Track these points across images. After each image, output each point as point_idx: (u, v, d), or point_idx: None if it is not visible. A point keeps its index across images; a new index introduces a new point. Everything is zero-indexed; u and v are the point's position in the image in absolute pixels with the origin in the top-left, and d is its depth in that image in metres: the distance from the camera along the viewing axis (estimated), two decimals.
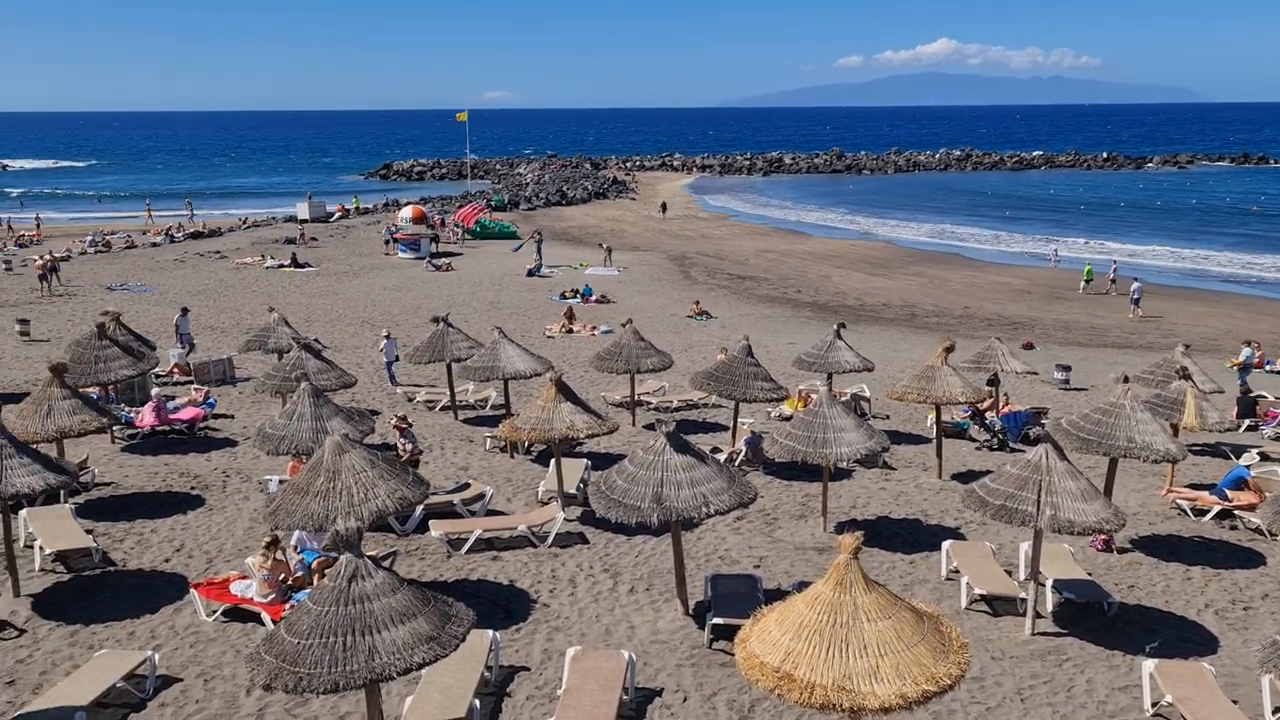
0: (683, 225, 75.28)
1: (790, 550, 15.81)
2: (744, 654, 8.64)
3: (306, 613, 8.48)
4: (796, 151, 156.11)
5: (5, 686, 11.42)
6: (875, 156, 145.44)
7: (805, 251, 61.58)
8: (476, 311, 37.70)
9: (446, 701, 10.35)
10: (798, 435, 16.09)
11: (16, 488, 13.02)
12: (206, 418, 22.28)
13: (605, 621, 13.28)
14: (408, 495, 12.82)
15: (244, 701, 11.19)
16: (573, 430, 16.51)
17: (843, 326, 23.09)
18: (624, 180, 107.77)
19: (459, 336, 23.20)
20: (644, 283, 47.91)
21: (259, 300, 39.29)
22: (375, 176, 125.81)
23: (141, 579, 14.39)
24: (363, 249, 58.19)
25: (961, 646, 8.52)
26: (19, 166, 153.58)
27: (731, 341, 27.78)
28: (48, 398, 16.57)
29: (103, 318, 23.07)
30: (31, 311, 35.47)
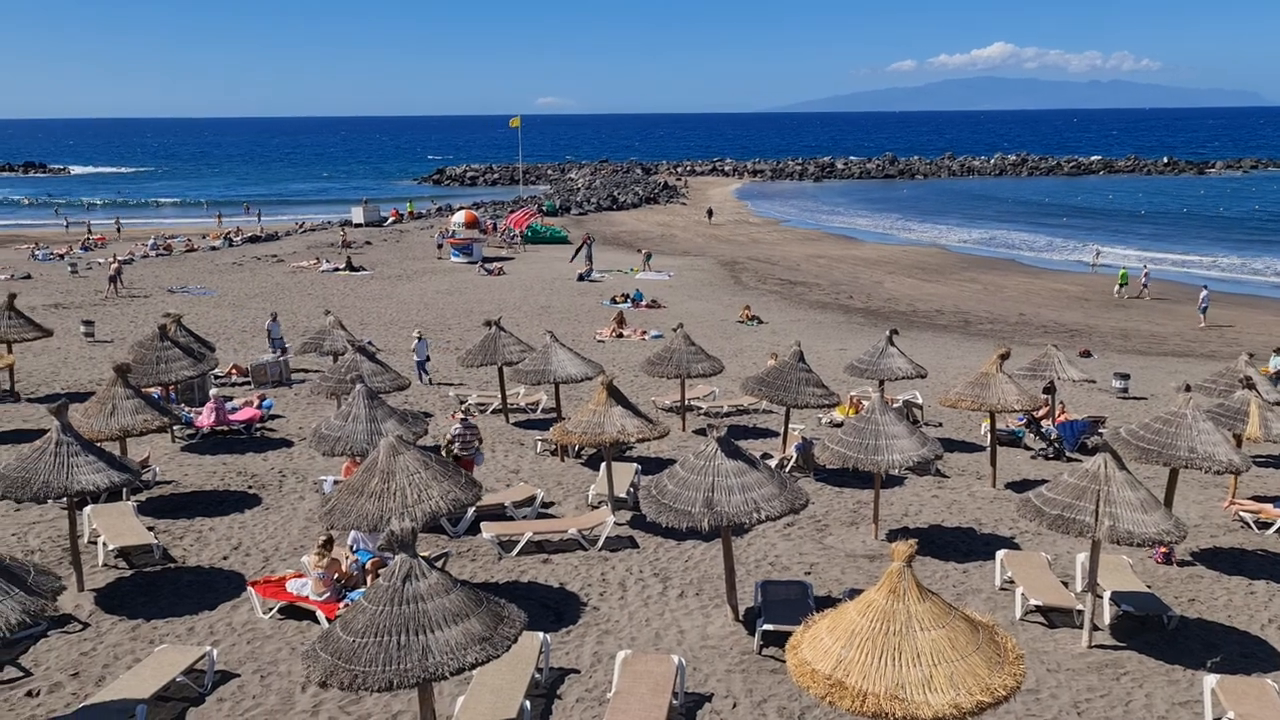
0: (733, 230, 75.13)
1: (841, 557, 15.69)
2: (795, 660, 8.60)
3: (362, 611, 8.60)
4: (848, 156, 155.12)
5: (70, 678, 11.70)
6: (928, 161, 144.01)
7: (857, 257, 61.15)
8: (528, 315, 37.94)
9: (498, 702, 10.42)
10: (849, 441, 15.98)
11: (82, 485, 13.35)
12: (263, 418, 22.66)
13: (655, 626, 13.29)
14: (460, 497, 12.93)
15: (299, 698, 11.36)
16: (624, 434, 16.55)
17: (895, 333, 22.89)
18: (675, 185, 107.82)
19: (511, 340, 23.36)
20: (694, 288, 47.89)
21: (315, 303, 39.90)
22: (429, 181, 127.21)
23: (200, 576, 14.67)
24: (416, 253, 58.84)
25: (1017, 658, 8.40)
26: (82, 172, 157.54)
27: (782, 347, 27.66)
28: (112, 397, 16.96)
29: (164, 319, 23.57)
30: (95, 313, 36.35)
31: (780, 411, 21.77)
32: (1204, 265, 57.45)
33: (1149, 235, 70.40)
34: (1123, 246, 63.92)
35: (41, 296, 40.48)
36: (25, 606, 9.37)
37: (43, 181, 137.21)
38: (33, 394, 24.98)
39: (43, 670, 11.87)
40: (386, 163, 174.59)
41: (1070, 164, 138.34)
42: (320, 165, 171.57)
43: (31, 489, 13.14)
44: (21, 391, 25.03)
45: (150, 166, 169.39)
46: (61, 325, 32.41)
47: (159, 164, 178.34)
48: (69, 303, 39.76)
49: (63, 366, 28.36)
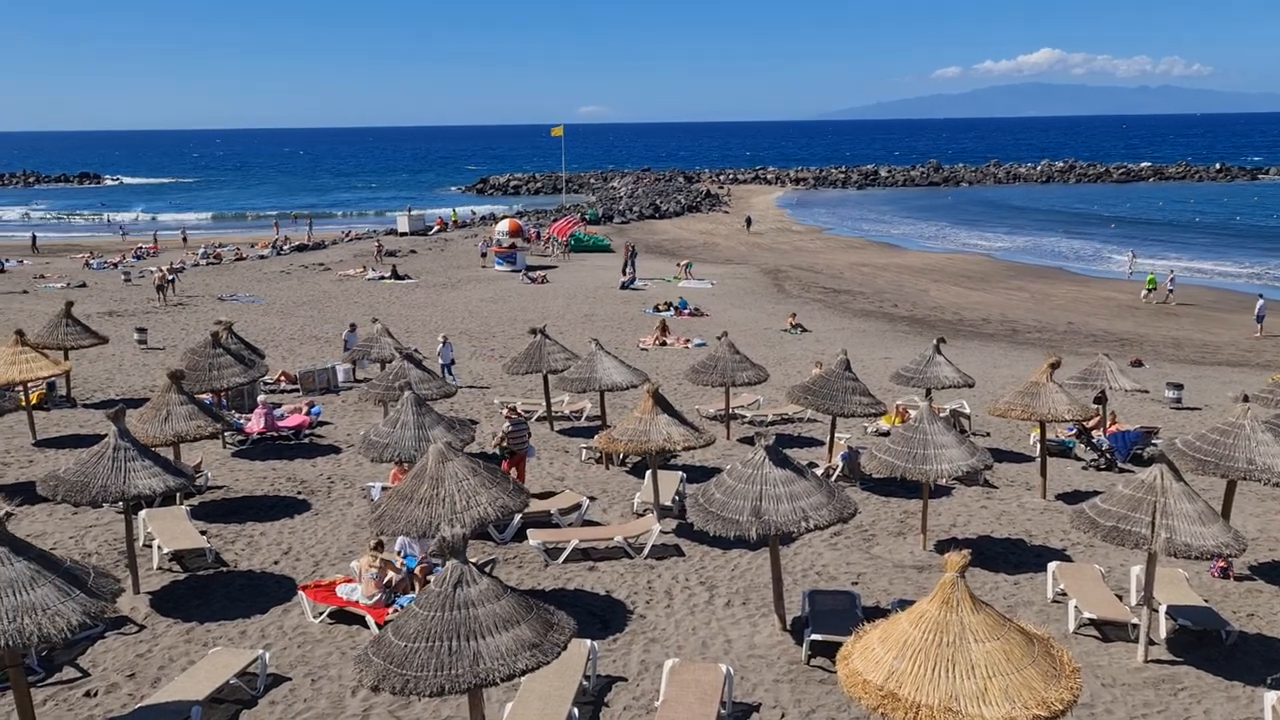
0: (776, 239, 74.91)
1: (889, 568, 15.56)
2: (846, 671, 8.54)
3: (413, 616, 8.66)
4: (892, 164, 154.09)
5: (127, 679, 11.91)
6: (974, 169, 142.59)
7: (901, 265, 60.69)
8: (571, 324, 38.06)
9: (546, 709, 10.44)
10: (896, 451, 15.85)
11: (138, 489, 13.59)
12: (312, 425, 22.94)
13: (702, 634, 13.25)
14: (508, 504, 13.00)
15: (349, 702, 11.46)
16: (669, 442, 16.54)
17: (942, 341, 22.68)
18: (717, 194, 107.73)
19: (555, 348, 23.45)
20: (737, 296, 47.79)
21: (361, 311, 40.31)
22: (472, 191, 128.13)
23: (252, 580, 14.86)
24: (460, 261, 59.30)
25: (1073, 671, 8.28)
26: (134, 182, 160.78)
27: (827, 356, 27.53)
28: (166, 403, 17.25)
29: (216, 327, 23.95)
30: (148, 320, 37.02)
31: (826, 420, 21.65)
32: (1258, 274, 56.32)
33: (1202, 243, 69.14)
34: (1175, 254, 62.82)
35: (97, 304, 41.31)
36: (85, 608, 9.54)
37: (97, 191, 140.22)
38: (89, 399, 25.49)
39: (100, 671, 12.09)
40: (431, 172, 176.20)
41: (1119, 171, 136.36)
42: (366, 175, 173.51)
43: (90, 493, 13.41)
44: (78, 397, 25.55)
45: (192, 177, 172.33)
46: (116, 332, 33.05)
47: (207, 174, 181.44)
48: (123, 310, 40.54)
49: (117, 373, 28.90)
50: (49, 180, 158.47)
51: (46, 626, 9.21)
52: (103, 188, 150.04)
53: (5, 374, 21.29)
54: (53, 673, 11.98)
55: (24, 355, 21.85)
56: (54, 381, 24.78)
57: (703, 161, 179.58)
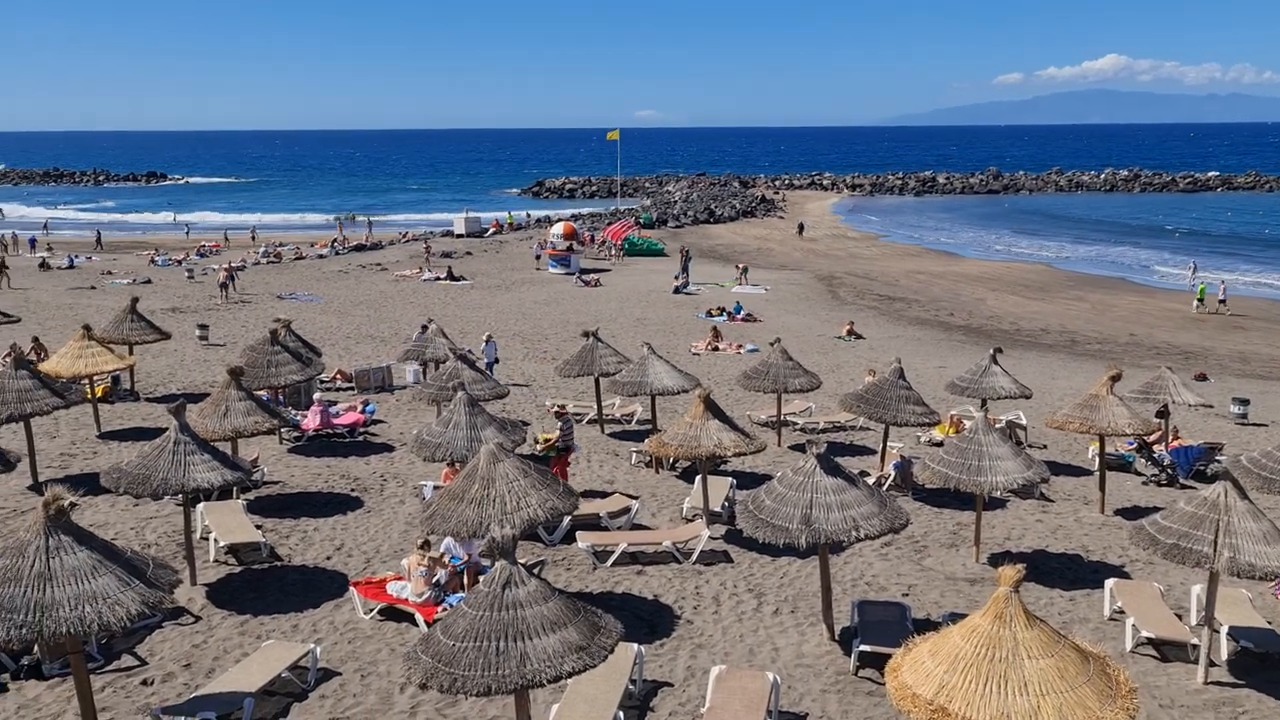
0: (831, 245, 74.41)
1: (940, 580, 15.35)
2: (895, 684, 8.44)
3: (462, 615, 8.72)
4: (950, 171, 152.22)
5: (182, 669, 12.14)
6: (1034, 176, 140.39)
7: (958, 273, 59.96)
8: (624, 327, 38.13)
9: (592, 712, 10.45)
10: (951, 461, 15.64)
11: (197, 483, 13.86)
12: (367, 423, 23.22)
13: (749, 642, 13.18)
14: (558, 505, 13.04)
15: (398, 698, 11.57)
16: (720, 448, 16.47)
17: (999, 351, 22.36)
18: (772, 199, 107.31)
19: (607, 351, 23.49)
20: (790, 302, 47.55)
21: (416, 311, 40.77)
22: (528, 194, 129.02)
23: (305, 575, 15.07)
24: (515, 263, 59.71)
25: (1130, 691, 8.10)
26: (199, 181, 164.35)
27: (880, 363, 27.24)
28: (225, 399, 17.57)
29: (275, 325, 24.35)
30: (210, 317, 37.76)
31: (878, 429, 21.43)
32: None
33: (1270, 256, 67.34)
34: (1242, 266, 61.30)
35: (160, 300, 42.24)
36: (144, 598, 9.74)
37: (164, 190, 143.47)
38: (151, 394, 26.05)
39: (157, 660, 12.34)
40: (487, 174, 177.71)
41: (1186, 180, 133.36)
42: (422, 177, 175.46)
43: (150, 485, 13.70)
44: (141, 391, 26.13)
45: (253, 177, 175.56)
46: (178, 328, 33.74)
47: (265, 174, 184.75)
48: (185, 307, 41.40)
49: (179, 368, 29.51)
50: (117, 179, 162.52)
51: (107, 615, 9.42)
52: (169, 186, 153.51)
53: (72, 367, 21.86)
54: (111, 660, 12.25)
55: (90, 349, 22.41)
56: (119, 375, 25.37)
57: (758, 167, 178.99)
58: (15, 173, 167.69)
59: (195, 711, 10.66)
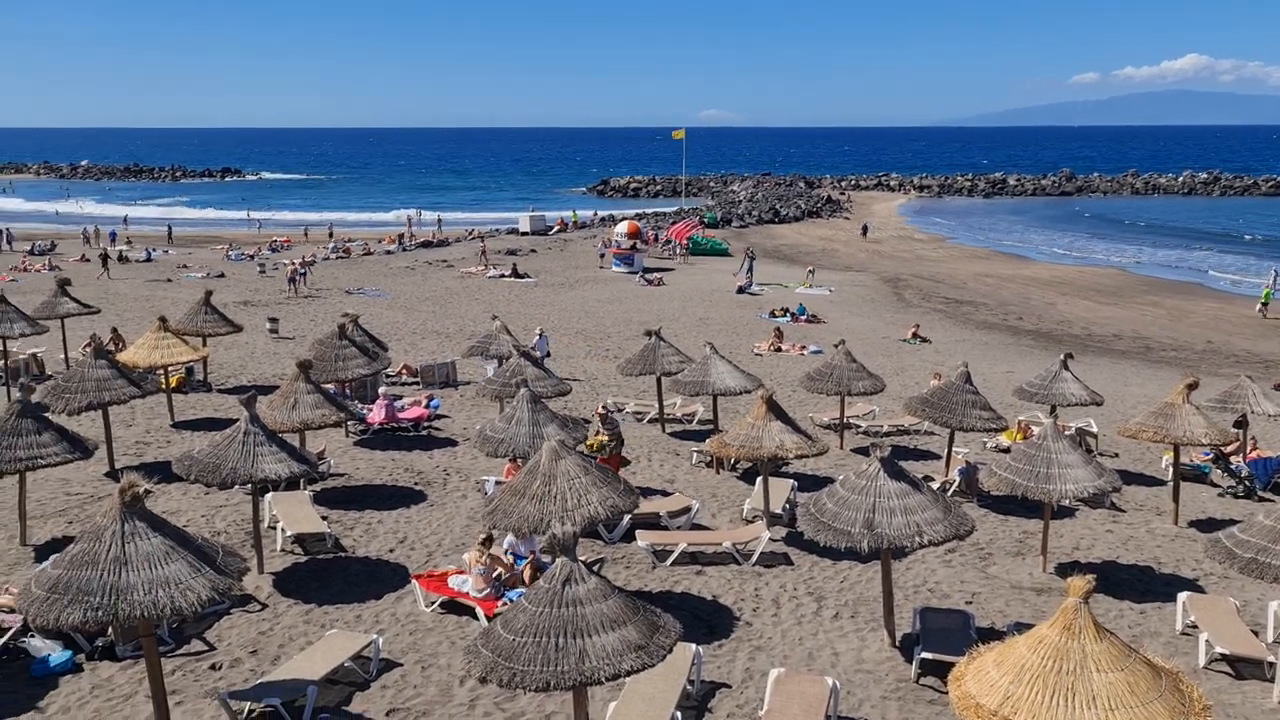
0: (897, 246, 73.53)
1: (1005, 588, 15.07)
2: (958, 693, 8.29)
3: (522, 611, 8.76)
4: (1021, 173, 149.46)
5: (249, 655, 12.39)
6: (1109, 179, 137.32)
7: (1028, 277, 58.85)
8: (686, 327, 38.07)
9: (649, 711, 10.44)
10: (1018, 468, 15.33)
11: (266, 473, 14.13)
12: (430, 418, 23.50)
13: (809, 645, 13.07)
14: (618, 504, 13.06)
15: (457, 691, 11.68)
16: (782, 450, 16.34)
17: (1070, 356, 21.87)
18: (838, 199, 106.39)
19: (670, 350, 23.46)
20: (855, 304, 47.09)
21: (481, 308, 41.18)
22: (593, 192, 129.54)
23: (368, 566, 15.30)
24: (579, 262, 59.98)
25: (1204, 709, 7.86)
26: (273, 178, 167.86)
27: (946, 367, 26.85)
28: (294, 391, 17.90)
29: (343, 319, 24.75)
30: (280, 311, 38.52)
31: (943, 433, 21.12)
32: None
33: None
34: None
35: (233, 294, 43.20)
36: (214, 585, 9.95)
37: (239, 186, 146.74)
38: (223, 385, 26.66)
39: (225, 646, 12.61)
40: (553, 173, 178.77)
41: (1269, 183, 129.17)
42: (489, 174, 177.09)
43: (220, 474, 13.99)
44: (213, 382, 26.76)
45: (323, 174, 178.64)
46: (250, 322, 34.48)
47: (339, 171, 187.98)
48: (257, 301, 42.30)
49: (250, 360, 30.15)
50: (194, 175, 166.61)
51: (178, 600, 9.64)
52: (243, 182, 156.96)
53: (148, 358, 22.45)
54: (182, 644, 12.55)
55: (166, 340, 22.99)
56: (192, 366, 26.02)
57: (824, 167, 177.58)
58: (97, 168, 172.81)
59: (261, 697, 10.88)
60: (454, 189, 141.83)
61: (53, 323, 27.12)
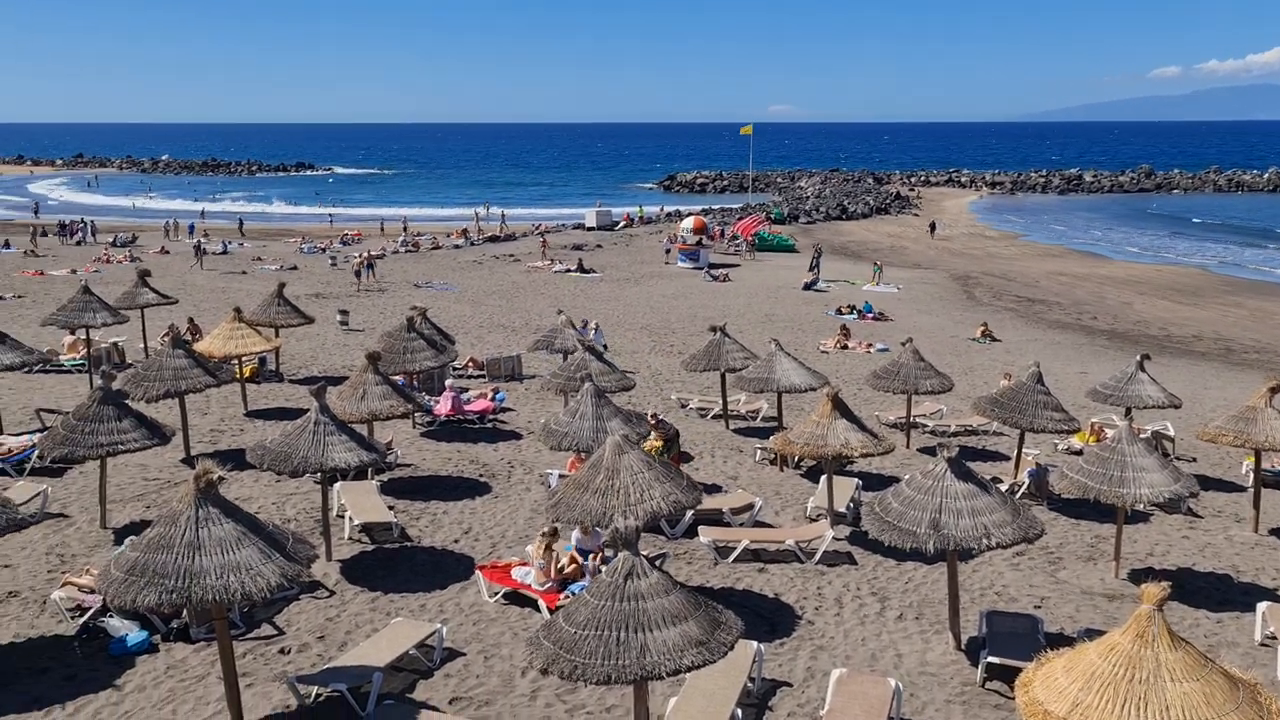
0: (968, 244, 72.34)
1: (1076, 594, 14.75)
2: (1026, 699, 8.14)
3: (584, 604, 8.80)
4: (1098, 169, 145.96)
5: (317, 640, 12.64)
6: (1190, 175, 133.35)
7: (1103, 275, 57.48)
8: (751, 323, 37.89)
9: (710, 707, 10.42)
10: (1091, 471, 14.97)
11: (335, 463, 14.39)
12: (496, 410, 23.72)
13: (871, 646, 12.93)
14: (681, 499, 13.05)
15: (519, 681, 11.78)
16: (847, 448, 16.19)
17: (1146, 358, 21.31)
18: (907, 196, 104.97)
19: (734, 347, 23.37)
20: (923, 301, 46.43)
21: (547, 302, 41.43)
22: (660, 187, 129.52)
23: (433, 556, 15.49)
24: (644, 257, 60.02)
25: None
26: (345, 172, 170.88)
27: (1017, 367, 26.34)
28: (363, 382, 18.20)
29: (411, 312, 25.09)
30: (350, 303, 39.18)
31: (1013, 434, 20.74)
32: None
33: None
34: None
35: (305, 286, 44.03)
36: (284, 571, 10.16)
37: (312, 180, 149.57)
38: (294, 375, 27.21)
39: (293, 630, 12.88)
40: (620, 168, 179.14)
41: None
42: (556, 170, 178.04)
43: (291, 463, 14.29)
44: (285, 372, 27.32)
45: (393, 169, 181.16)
46: (321, 313, 35.10)
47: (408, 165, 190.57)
48: (328, 293, 43.07)
49: (320, 351, 30.72)
50: (269, 169, 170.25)
51: (249, 585, 9.87)
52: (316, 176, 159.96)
53: (223, 348, 23.00)
54: (252, 628, 12.84)
55: (240, 331, 23.54)
56: (265, 357, 26.59)
57: (893, 163, 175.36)
58: (176, 163, 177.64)
59: (328, 682, 11.09)
60: (522, 185, 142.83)
61: (133, 312, 27.93)
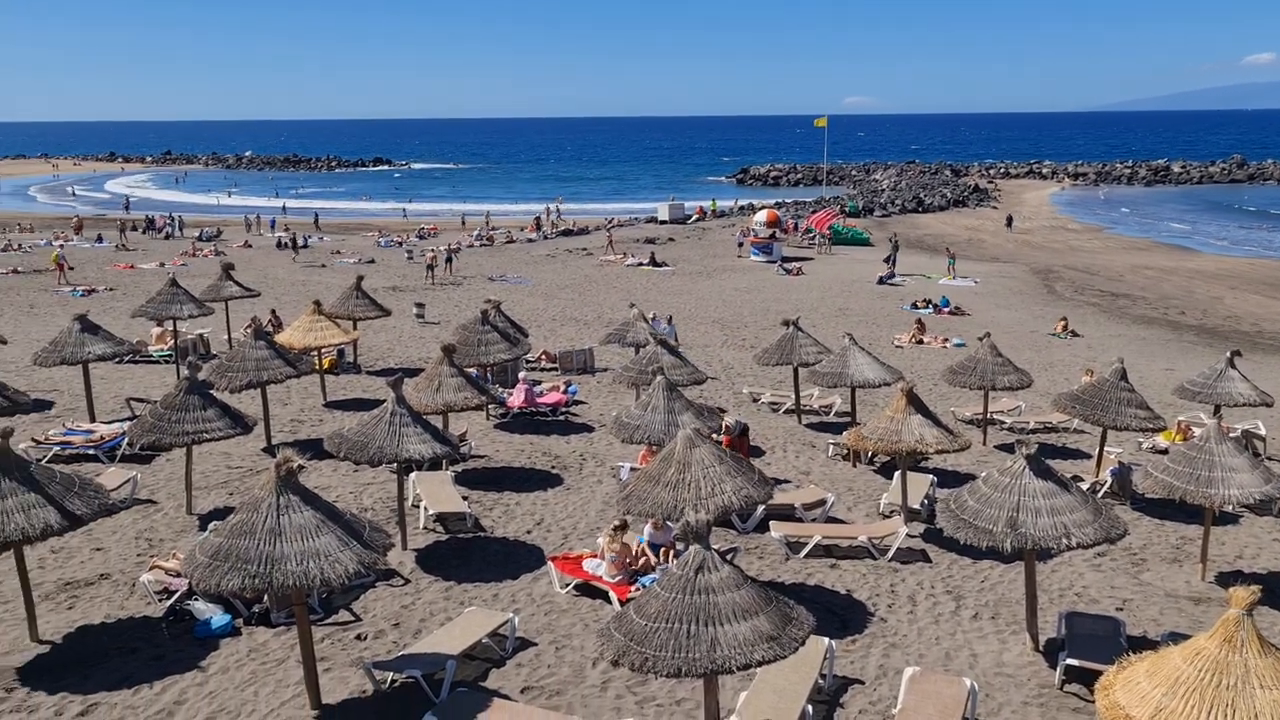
0: (1049, 236, 70.70)
1: (1160, 596, 14.34)
2: (1106, 703, 7.94)
3: (655, 597, 8.82)
4: (1186, 159, 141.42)
5: (392, 628, 12.87)
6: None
7: (1192, 269, 55.71)
8: (825, 317, 37.55)
9: (780, 703, 10.36)
10: (1177, 470, 14.53)
11: (410, 453, 14.62)
12: (568, 403, 23.87)
13: (945, 645, 12.73)
14: (752, 494, 12.99)
15: (590, 672, 11.85)
16: (921, 444, 15.96)
17: (1237, 354, 20.60)
18: (985, 188, 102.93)
19: (808, 341, 23.18)
20: (1002, 295, 45.51)
21: (619, 296, 41.55)
22: (733, 181, 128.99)
23: (506, 547, 15.66)
24: (717, 250, 59.84)
25: None
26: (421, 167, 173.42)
27: (1099, 363, 25.70)
28: (438, 374, 18.45)
29: (486, 305, 25.36)
30: (426, 296, 39.76)
31: (1095, 432, 20.24)
32: None
33: None
34: None
35: (382, 279, 44.80)
36: (361, 558, 10.37)
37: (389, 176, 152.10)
38: (371, 367, 27.72)
39: (370, 617, 13.12)
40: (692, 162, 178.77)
41: None
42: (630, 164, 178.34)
43: (368, 453, 14.55)
44: (363, 364, 27.85)
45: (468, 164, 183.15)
46: (397, 306, 35.70)
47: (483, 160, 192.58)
48: (404, 286, 43.76)
49: (397, 344, 31.24)
50: (347, 164, 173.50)
51: (327, 571, 10.10)
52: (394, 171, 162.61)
53: (303, 339, 23.53)
54: (330, 614, 13.11)
55: (320, 324, 24.07)
56: (344, 349, 27.13)
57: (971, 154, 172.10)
58: (259, 159, 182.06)
59: (403, 668, 11.28)
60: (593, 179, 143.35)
61: (217, 305, 28.72)
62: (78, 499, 11.97)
